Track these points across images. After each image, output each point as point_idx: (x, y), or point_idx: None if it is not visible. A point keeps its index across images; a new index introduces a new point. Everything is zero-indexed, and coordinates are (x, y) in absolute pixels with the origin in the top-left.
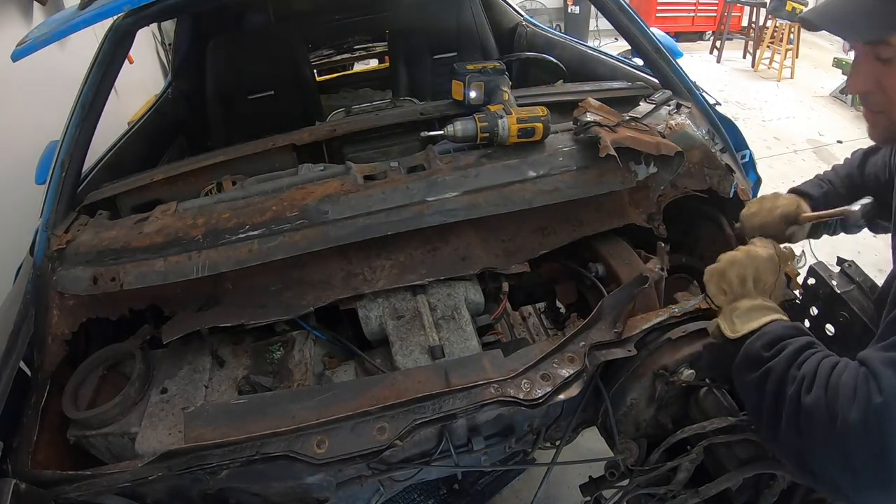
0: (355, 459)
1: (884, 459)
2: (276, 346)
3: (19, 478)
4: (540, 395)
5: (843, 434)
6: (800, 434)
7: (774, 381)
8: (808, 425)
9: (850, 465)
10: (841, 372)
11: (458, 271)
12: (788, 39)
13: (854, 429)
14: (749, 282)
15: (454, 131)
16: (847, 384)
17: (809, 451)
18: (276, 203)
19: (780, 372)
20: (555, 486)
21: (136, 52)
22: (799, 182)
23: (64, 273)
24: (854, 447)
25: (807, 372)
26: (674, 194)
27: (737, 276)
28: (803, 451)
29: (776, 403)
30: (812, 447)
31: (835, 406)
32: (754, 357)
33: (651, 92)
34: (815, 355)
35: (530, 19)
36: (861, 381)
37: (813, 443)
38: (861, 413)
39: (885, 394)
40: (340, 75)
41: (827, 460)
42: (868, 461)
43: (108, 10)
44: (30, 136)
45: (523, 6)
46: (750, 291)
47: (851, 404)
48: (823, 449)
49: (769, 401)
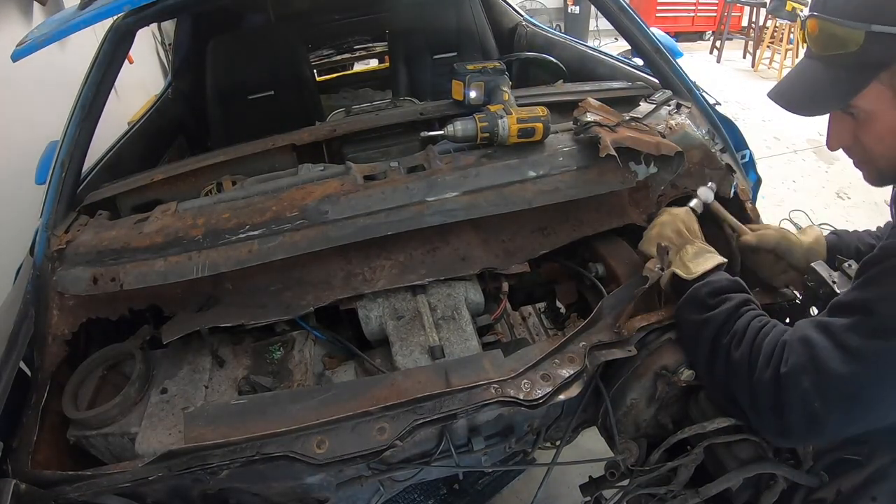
0: (355, 460)
1: (782, 416)
2: (276, 346)
3: (19, 478)
4: (540, 395)
5: (755, 388)
6: (728, 378)
7: (713, 330)
8: (733, 375)
9: (759, 413)
10: (766, 334)
11: (458, 271)
12: (788, 39)
13: (762, 386)
14: (684, 231)
15: (454, 131)
16: (766, 348)
17: (734, 395)
18: (276, 203)
19: (719, 324)
20: (555, 486)
21: (136, 52)
22: (799, 182)
23: (64, 273)
24: (762, 401)
25: (738, 328)
26: (674, 194)
27: (672, 230)
28: (730, 391)
29: (712, 351)
30: (735, 391)
31: (755, 365)
32: (699, 302)
33: (651, 92)
34: (748, 313)
35: (530, 19)
36: (777, 348)
37: (736, 388)
38: (770, 376)
39: (789, 366)
40: (340, 75)
41: (745, 403)
42: (771, 413)
43: (108, 10)
44: (30, 136)
45: (523, 6)
46: (688, 238)
47: (766, 367)
48: (743, 395)
49: (705, 346)
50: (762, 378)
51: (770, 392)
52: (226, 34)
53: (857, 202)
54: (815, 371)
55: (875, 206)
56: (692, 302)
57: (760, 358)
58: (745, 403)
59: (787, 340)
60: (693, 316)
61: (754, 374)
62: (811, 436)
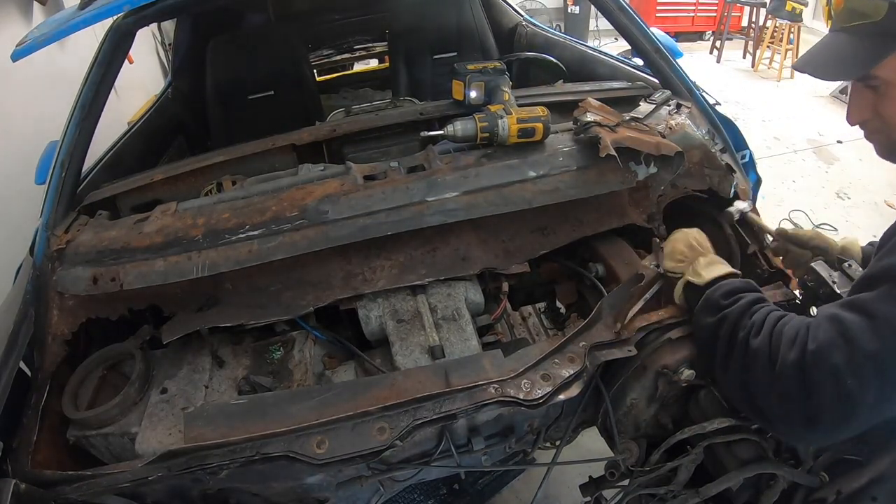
0: (355, 459)
1: (810, 399)
2: (276, 346)
3: (19, 478)
4: (540, 395)
5: (780, 373)
6: (746, 372)
7: (729, 326)
8: (753, 365)
9: (784, 401)
10: (787, 322)
11: (458, 271)
12: (788, 39)
13: (788, 369)
14: (696, 246)
15: (454, 131)
16: (789, 332)
17: (753, 388)
18: (275, 203)
19: (735, 319)
20: (555, 486)
21: (136, 52)
22: (799, 182)
23: (64, 273)
24: (787, 386)
25: (756, 320)
26: (674, 194)
27: (684, 244)
28: (749, 387)
29: (729, 345)
30: (756, 384)
31: (777, 349)
32: (713, 304)
33: (651, 92)
34: (765, 307)
35: (530, 19)
36: (802, 330)
37: (756, 380)
38: (796, 356)
39: (818, 342)
40: (340, 75)
41: (767, 396)
42: (797, 399)
43: (108, 10)
44: (30, 136)
45: (523, 6)
46: (699, 251)
47: (790, 348)
48: (764, 386)
49: (723, 343)
50: (787, 360)
51: (797, 373)
52: (226, 34)
53: (857, 202)
54: (846, 345)
55: (875, 206)
56: (707, 306)
57: (783, 342)
58: (767, 396)
59: (813, 322)
60: (708, 319)
61: (777, 358)
62: (843, 421)
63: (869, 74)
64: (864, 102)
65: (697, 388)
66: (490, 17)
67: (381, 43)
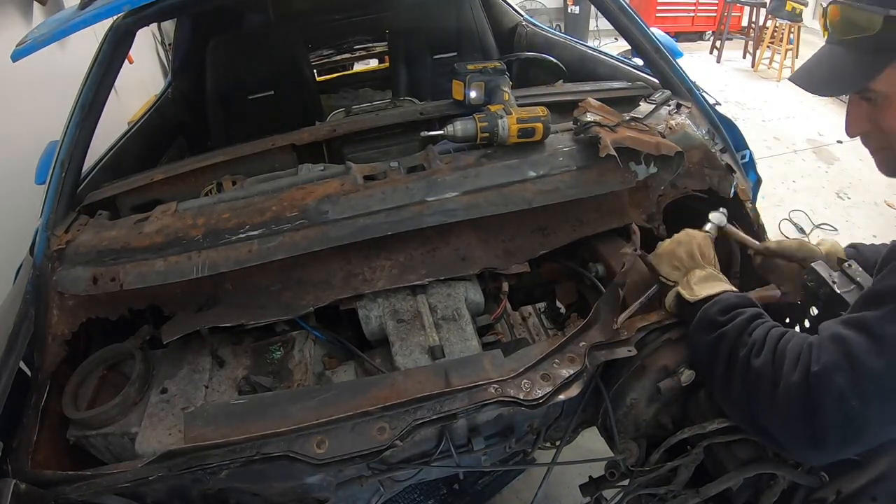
0: (355, 459)
1: (815, 421)
2: (276, 346)
3: (19, 478)
4: (540, 395)
5: (784, 395)
6: (748, 393)
7: (728, 345)
8: (755, 385)
9: (788, 423)
10: (788, 340)
11: (458, 271)
12: (788, 39)
13: (792, 391)
14: (696, 255)
15: (454, 131)
16: (792, 351)
17: (756, 408)
18: (275, 203)
19: (734, 337)
20: (555, 486)
21: (136, 52)
22: (799, 182)
23: (64, 273)
24: (791, 407)
25: (757, 338)
26: (674, 194)
27: (685, 252)
28: (751, 407)
29: (729, 364)
30: (759, 404)
31: (780, 370)
32: (710, 321)
33: (651, 92)
34: (764, 324)
35: (530, 19)
36: (805, 349)
37: (759, 401)
38: (800, 378)
39: (822, 364)
40: (340, 75)
41: (770, 417)
42: (802, 421)
43: (108, 10)
44: (30, 136)
45: (523, 6)
46: (699, 263)
47: (794, 369)
48: (767, 407)
49: (722, 362)
50: (790, 382)
51: (800, 396)
52: (226, 34)
53: (856, 202)
54: (850, 367)
55: (875, 206)
56: (703, 323)
57: (786, 362)
58: (770, 417)
59: (815, 341)
60: (705, 337)
61: (780, 379)
62: (847, 442)
63: (866, 87)
64: (862, 114)
65: (697, 387)
66: (490, 17)
67: (381, 43)
